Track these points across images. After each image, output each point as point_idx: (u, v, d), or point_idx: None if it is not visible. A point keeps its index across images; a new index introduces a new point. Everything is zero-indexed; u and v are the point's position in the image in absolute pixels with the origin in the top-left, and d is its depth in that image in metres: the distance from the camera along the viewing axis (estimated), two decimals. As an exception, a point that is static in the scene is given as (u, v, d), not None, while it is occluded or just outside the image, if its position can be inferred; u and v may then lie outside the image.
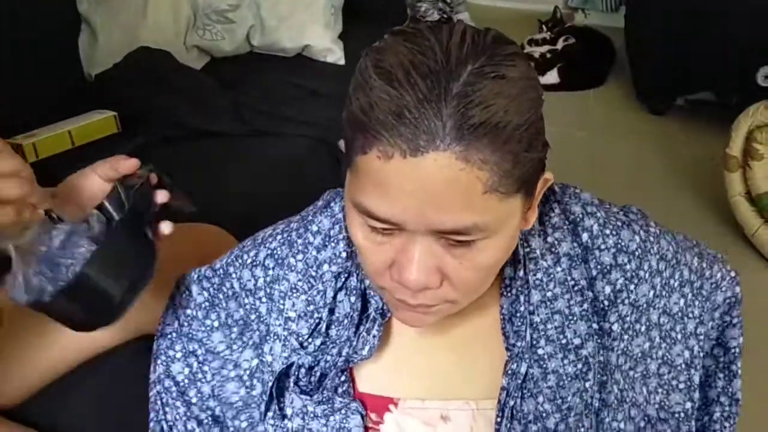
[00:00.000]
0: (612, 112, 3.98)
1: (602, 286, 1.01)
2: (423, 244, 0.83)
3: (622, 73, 4.15)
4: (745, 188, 2.83)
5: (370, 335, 0.99)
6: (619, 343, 1.03)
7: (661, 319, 1.06)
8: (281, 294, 1.03)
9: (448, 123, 0.76)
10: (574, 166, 3.41)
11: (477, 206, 0.79)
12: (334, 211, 1.05)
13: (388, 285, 0.88)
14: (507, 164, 0.79)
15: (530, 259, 1.00)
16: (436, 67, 0.78)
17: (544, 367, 0.99)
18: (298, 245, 1.05)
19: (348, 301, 1.00)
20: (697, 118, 3.77)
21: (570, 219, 1.03)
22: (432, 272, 0.84)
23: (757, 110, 2.75)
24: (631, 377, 1.05)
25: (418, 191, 0.78)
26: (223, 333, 1.08)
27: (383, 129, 0.77)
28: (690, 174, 3.36)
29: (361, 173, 0.82)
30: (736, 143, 2.79)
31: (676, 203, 3.19)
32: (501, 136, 0.78)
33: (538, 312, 0.99)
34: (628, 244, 1.02)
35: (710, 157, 3.27)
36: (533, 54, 4.26)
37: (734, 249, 2.90)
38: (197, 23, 2.81)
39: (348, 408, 0.99)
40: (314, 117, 2.40)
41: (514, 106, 0.79)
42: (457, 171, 0.77)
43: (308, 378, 1.01)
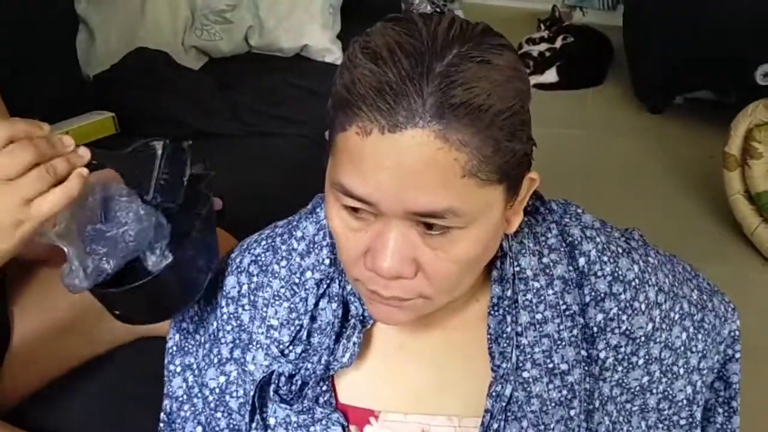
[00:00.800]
0: (610, 110, 3.98)
1: (594, 313, 0.98)
2: (398, 231, 0.81)
3: (621, 72, 4.15)
4: (744, 187, 2.83)
5: (351, 342, 0.97)
6: (612, 374, 1.00)
7: (663, 354, 1.03)
8: (264, 301, 1.02)
9: (429, 101, 0.75)
10: (573, 165, 3.42)
11: (454, 189, 0.78)
12: (320, 217, 1.03)
13: (362, 275, 0.86)
14: (487, 150, 0.78)
15: (520, 279, 0.98)
16: (422, 47, 0.78)
17: (528, 391, 0.96)
18: (282, 251, 1.03)
19: (330, 308, 0.99)
20: (695, 117, 3.77)
21: (567, 241, 1.00)
22: (406, 261, 0.82)
23: (755, 109, 2.75)
24: (628, 410, 1.03)
25: (394, 168, 0.77)
26: (204, 348, 1.07)
27: (363, 104, 0.77)
28: (689, 173, 3.36)
29: (339, 151, 0.81)
30: (734, 142, 2.79)
31: (675, 202, 3.19)
32: (482, 119, 0.77)
33: (527, 334, 0.97)
34: (626, 274, 1.00)
35: (709, 155, 3.27)
36: (531, 53, 4.26)
37: (733, 248, 2.90)
38: (195, 24, 2.80)
39: (329, 419, 0.97)
40: (313, 117, 2.39)
41: (498, 91, 0.78)
42: (434, 150, 0.76)
43: (288, 387, 0.99)
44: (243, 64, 2.83)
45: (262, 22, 2.84)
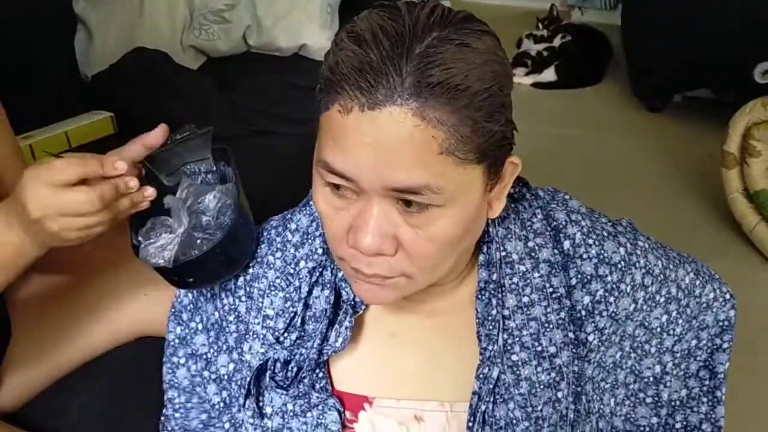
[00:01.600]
0: (609, 109, 3.98)
1: (581, 296, 1.01)
2: (379, 209, 0.84)
3: (619, 71, 4.15)
4: (743, 185, 2.82)
5: (343, 327, 0.99)
6: (595, 355, 1.02)
7: (636, 331, 1.05)
8: (260, 292, 1.04)
9: (408, 80, 0.78)
10: (571, 164, 3.42)
11: (431, 166, 0.81)
12: (313, 209, 1.06)
13: (345, 254, 0.89)
14: (465, 129, 0.81)
15: (506, 263, 1.00)
16: (403, 30, 0.81)
17: (518, 374, 0.98)
18: (276, 243, 1.06)
19: (323, 296, 1.01)
20: (694, 116, 3.77)
21: (552, 225, 1.03)
22: (387, 238, 0.85)
23: (754, 107, 2.75)
24: (601, 388, 1.05)
25: (373, 144, 0.80)
26: (206, 335, 1.09)
27: (345, 83, 0.80)
28: (687, 171, 3.35)
29: (323, 130, 0.85)
30: (733, 140, 2.79)
31: (673, 201, 3.19)
32: (460, 98, 0.80)
33: (514, 317, 0.99)
34: (611, 256, 1.02)
35: (708, 154, 3.27)
36: (530, 52, 4.26)
37: (732, 246, 2.90)
38: (194, 23, 2.80)
39: (325, 404, 0.99)
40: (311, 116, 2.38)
41: (476, 73, 0.81)
42: (411, 127, 0.79)
43: (284, 373, 1.01)
44: (241, 64, 2.83)
45: (260, 22, 2.84)
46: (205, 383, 1.09)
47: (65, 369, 1.36)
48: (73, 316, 1.36)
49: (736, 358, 2.46)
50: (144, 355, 1.38)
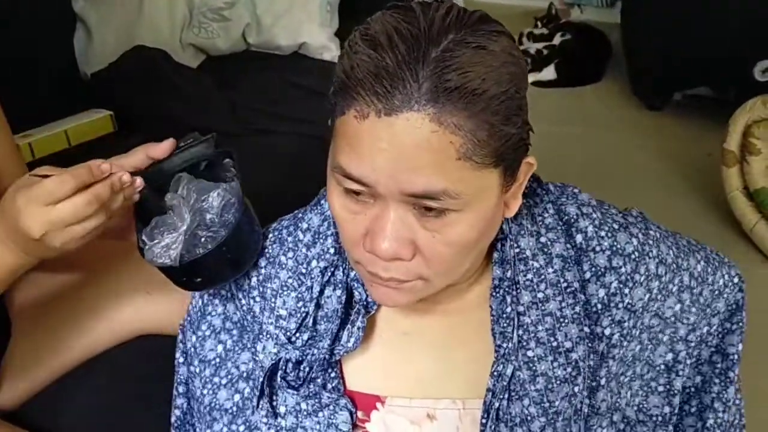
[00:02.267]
0: (609, 107, 3.98)
1: (596, 289, 1.00)
2: (396, 213, 0.84)
3: (619, 69, 4.15)
4: (743, 183, 2.82)
5: (355, 327, 0.99)
6: (619, 350, 1.02)
7: (652, 321, 1.05)
8: (273, 292, 1.04)
9: (424, 85, 0.78)
10: (571, 162, 3.41)
11: (449, 172, 0.80)
12: (324, 208, 1.05)
13: (362, 258, 0.89)
14: (483, 133, 0.80)
15: (520, 259, 1.00)
16: (418, 33, 0.80)
17: (534, 370, 0.98)
18: (288, 243, 1.06)
19: (335, 295, 1.01)
20: (694, 114, 3.76)
21: (564, 220, 1.02)
22: (404, 243, 0.85)
23: (754, 105, 2.75)
24: (620, 383, 1.05)
25: (390, 150, 0.79)
26: (217, 339, 1.09)
27: (361, 88, 0.79)
28: (687, 170, 3.35)
29: (338, 135, 0.84)
30: (733, 138, 2.79)
31: (673, 199, 3.19)
32: (477, 103, 0.79)
33: (529, 313, 0.99)
34: (624, 247, 1.01)
35: (708, 152, 3.27)
36: (529, 50, 4.26)
37: (732, 244, 2.89)
38: (193, 21, 2.80)
39: (337, 404, 0.99)
40: (311, 115, 2.38)
41: (493, 76, 0.80)
42: (429, 133, 0.78)
43: (296, 373, 1.01)
44: (241, 62, 2.83)
45: (259, 20, 2.83)
46: (216, 389, 1.08)
47: (65, 368, 1.35)
48: (74, 314, 1.35)
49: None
50: (144, 354, 1.37)
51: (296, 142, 2.33)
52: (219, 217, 1.02)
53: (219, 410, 1.08)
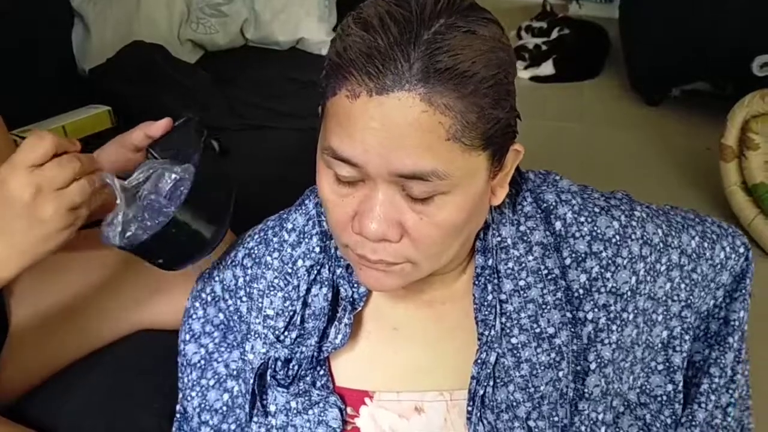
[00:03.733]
0: (607, 103, 3.98)
1: (576, 274, 1.01)
2: (385, 195, 0.84)
3: (617, 64, 4.15)
4: (741, 178, 2.82)
5: (342, 324, 1.00)
6: (608, 335, 1.02)
7: (646, 304, 1.05)
8: (260, 292, 1.05)
9: (415, 65, 0.79)
10: (569, 158, 3.41)
11: (438, 152, 0.81)
12: (308, 208, 1.06)
13: (350, 240, 0.89)
14: (472, 116, 0.81)
15: (501, 248, 1.01)
16: (410, 16, 0.81)
17: (518, 356, 0.99)
18: (273, 243, 1.06)
19: (321, 293, 1.01)
20: (692, 109, 3.76)
21: (542, 207, 1.04)
22: (392, 224, 0.85)
23: (752, 100, 2.74)
24: (621, 368, 1.05)
25: (381, 130, 0.80)
26: (198, 344, 1.10)
27: (353, 68, 0.81)
28: (685, 164, 3.35)
29: (329, 116, 0.85)
30: (731, 133, 2.79)
31: (671, 194, 3.19)
32: (467, 85, 0.80)
33: (512, 301, 1.00)
34: (605, 231, 1.02)
35: (706, 147, 3.27)
36: (527, 45, 4.26)
37: (730, 239, 2.90)
38: (191, 17, 2.80)
39: (326, 401, 1.00)
40: (309, 110, 2.39)
41: (482, 60, 0.82)
42: (419, 112, 0.79)
43: (285, 371, 1.01)
44: (239, 58, 2.83)
45: (257, 15, 2.84)
46: (204, 391, 1.09)
47: (64, 362, 1.36)
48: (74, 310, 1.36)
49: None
50: (142, 350, 1.38)
51: (295, 137, 2.33)
52: (170, 199, 1.01)
53: (209, 411, 1.09)
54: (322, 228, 1.03)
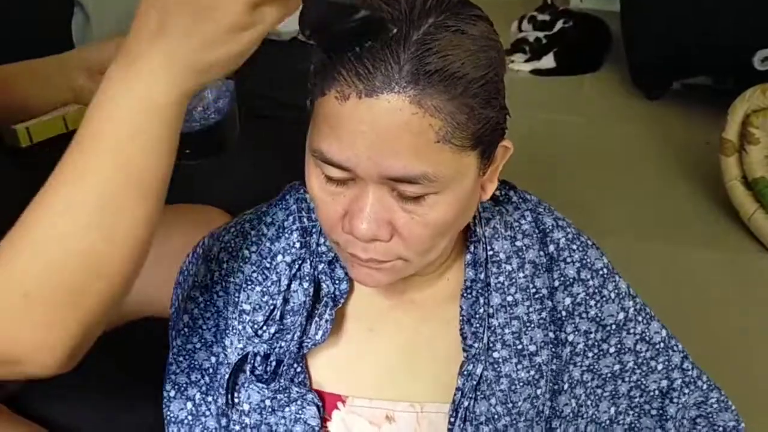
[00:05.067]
0: (607, 96, 3.97)
1: (563, 297, 1.03)
2: (375, 195, 0.84)
3: (618, 58, 4.14)
4: (741, 172, 2.83)
5: (323, 320, 0.99)
6: (583, 359, 1.04)
7: (638, 346, 1.07)
8: (236, 287, 1.03)
9: (405, 67, 0.78)
10: (570, 151, 3.42)
11: (428, 155, 0.81)
12: (289, 203, 1.05)
13: (341, 239, 0.89)
14: (462, 116, 0.81)
15: (493, 262, 1.01)
16: (400, 16, 0.80)
17: (498, 371, 1.00)
18: (251, 237, 1.05)
19: (301, 289, 1.00)
20: (693, 103, 3.76)
21: (540, 228, 1.05)
22: (382, 224, 0.85)
23: (753, 94, 2.75)
24: (598, 395, 1.07)
25: (370, 133, 0.79)
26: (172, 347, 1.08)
27: (343, 68, 0.80)
28: (686, 159, 3.36)
29: (318, 117, 0.84)
30: (732, 127, 2.79)
31: (671, 188, 3.19)
32: (456, 86, 0.80)
33: (497, 316, 1.00)
34: (594, 262, 1.04)
35: (706, 141, 3.27)
36: (528, 38, 4.25)
37: (730, 233, 2.90)
38: (192, 7, 2.79)
39: (304, 399, 0.99)
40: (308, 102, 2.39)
41: (472, 60, 0.81)
42: (409, 115, 0.79)
43: (264, 366, 1.00)
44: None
45: (258, 6, 2.83)
46: (168, 403, 1.07)
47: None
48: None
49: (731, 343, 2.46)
50: (139, 342, 1.38)
51: (293, 128, 2.32)
52: (214, 104, 1.06)
53: (175, 423, 1.07)
54: (302, 224, 1.02)
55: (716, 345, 2.27)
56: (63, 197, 0.78)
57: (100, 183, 0.77)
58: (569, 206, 1.36)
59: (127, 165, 0.77)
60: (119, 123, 0.76)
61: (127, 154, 0.77)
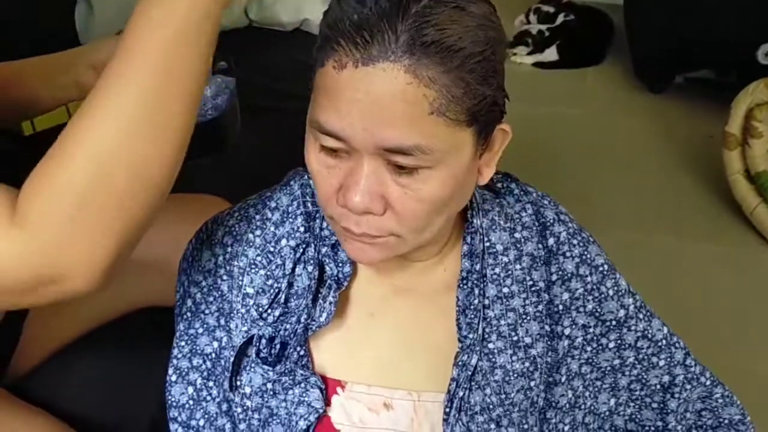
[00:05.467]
0: (610, 90, 3.97)
1: (560, 291, 1.03)
2: (370, 168, 0.85)
3: (621, 51, 4.13)
4: (744, 166, 2.82)
5: (327, 302, 1.00)
6: (581, 352, 1.05)
7: (639, 343, 1.08)
8: (240, 270, 1.04)
9: (402, 37, 0.80)
10: (572, 144, 3.41)
11: (422, 126, 0.82)
12: (293, 188, 1.06)
13: (335, 212, 0.90)
14: (458, 90, 0.83)
15: (490, 253, 1.02)
16: None
17: (493, 361, 1.00)
18: (256, 221, 1.05)
19: (306, 272, 1.01)
20: (696, 96, 3.75)
21: (540, 221, 1.05)
22: (375, 197, 0.86)
23: (756, 88, 2.75)
24: (597, 387, 1.08)
25: (366, 101, 0.81)
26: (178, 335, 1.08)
27: (342, 38, 0.82)
28: (688, 152, 3.35)
29: (318, 89, 0.86)
30: (735, 121, 2.79)
31: (674, 182, 3.19)
32: (453, 59, 0.82)
33: (493, 307, 1.01)
34: (594, 258, 1.05)
35: (709, 135, 3.27)
36: (531, 31, 4.24)
37: (732, 227, 2.90)
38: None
39: (308, 382, 0.99)
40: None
41: (470, 36, 0.83)
42: (404, 84, 0.81)
43: (269, 349, 1.01)
44: (242, 38, 2.81)
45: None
46: (170, 387, 1.07)
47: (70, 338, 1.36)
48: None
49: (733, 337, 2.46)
50: (143, 328, 1.38)
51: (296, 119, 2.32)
52: (212, 100, 1.08)
53: (176, 407, 1.06)
54: (306, 209, 1.03)
55: (717, 338, 2.28)
56: (111, 101, 0.84)
57: (148, 87, 0.84)
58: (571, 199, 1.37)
59: (172, 69, 0.85)
60: (164, 34, 0.85)
61: (172, 59, 0.85)
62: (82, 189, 0.81)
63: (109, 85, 0.85)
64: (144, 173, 0.84)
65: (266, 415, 1.01)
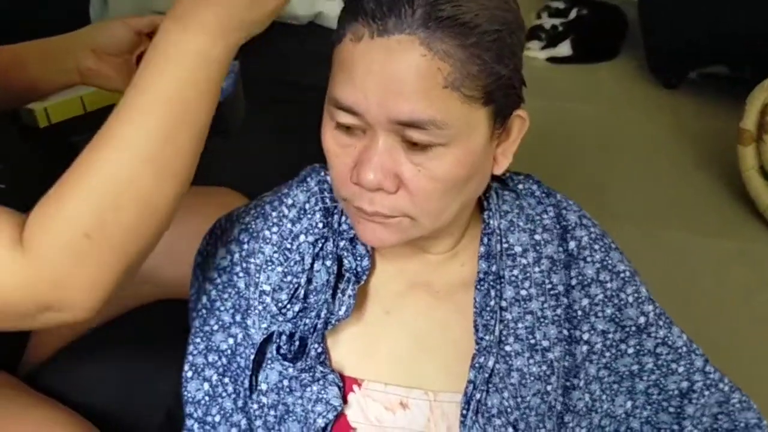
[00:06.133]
0: (624, 85, 3.96)
1: (580, 296, 1.03)
2: (384, 145, 0.86)
3: (635, 46, 4.12)
4: (759, 162, 2.81)
5: (346, 296, 1.00)
6: (600, 357, 1.04)
7: (659, 349, 1.07)
8: (257, 267, 1.03)
9: (418, 11, 0.82)
10: (586, 139, 3.41)
11: (436, 100, 0.83)
12: (310, 185, 1.06)
13: (348, 192, 0.91)
14: (473, 67, 0.84)
15: (508, 255, 1.02)
16: None
17: (510, 364, 1.00)
18: (272, 218, 1.05)
19: (324, 267, 1.01)
20: (710, 92, 3.75)
21: (561, 224, 1.05)
22: (388, 174, 0.87)
23: (772, 83, 2.74)
24: (614, 390, 1.07)
25: (380, 73, 0.83)
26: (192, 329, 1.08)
27: (361, 12, 0.84)
28: (703, 148, 3.34)
29: (336, 64, 0.88)
30: (750, 117, 2.78)
31: (688, 177, 3.18)
32: (468, 35, 0.83)
33: (511, 309, 1.01)
34: (616, 264, 1.04)
35: (723, 130, 3.25)
36: (544, 26, 4.23)
37: (746, 223, 2.89)
38: (209, -10, 2.79)
39: (326, 379, 0.99)
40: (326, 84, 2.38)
41: (486, 14, 0.84)
42: (418, 56, 0.82)
43: (289, 345, 1.01)
44: (257, 32, 2.82)
45: (275, -11, 2.82)
46: (186, 383, 1.07)
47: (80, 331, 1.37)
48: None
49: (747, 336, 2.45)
50: (155, 320, 1.38)
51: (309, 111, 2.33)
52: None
53: (192, 403, 1.06)
54: (324, 204, 1.04)
55: (730, 334, 2.27)
56: (123, 135, 0.85)
57: (160, 121, 0.85)
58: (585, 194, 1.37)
59: (184, 105, 0.86)
60: (177, 71, 0.86)
61: (185, 96, 0.86)
62: (89, 222, 0.82)
63: (122, 115, 0.86)
64: (151, 207, 0.85)
65: (282, 412, 1.00)
